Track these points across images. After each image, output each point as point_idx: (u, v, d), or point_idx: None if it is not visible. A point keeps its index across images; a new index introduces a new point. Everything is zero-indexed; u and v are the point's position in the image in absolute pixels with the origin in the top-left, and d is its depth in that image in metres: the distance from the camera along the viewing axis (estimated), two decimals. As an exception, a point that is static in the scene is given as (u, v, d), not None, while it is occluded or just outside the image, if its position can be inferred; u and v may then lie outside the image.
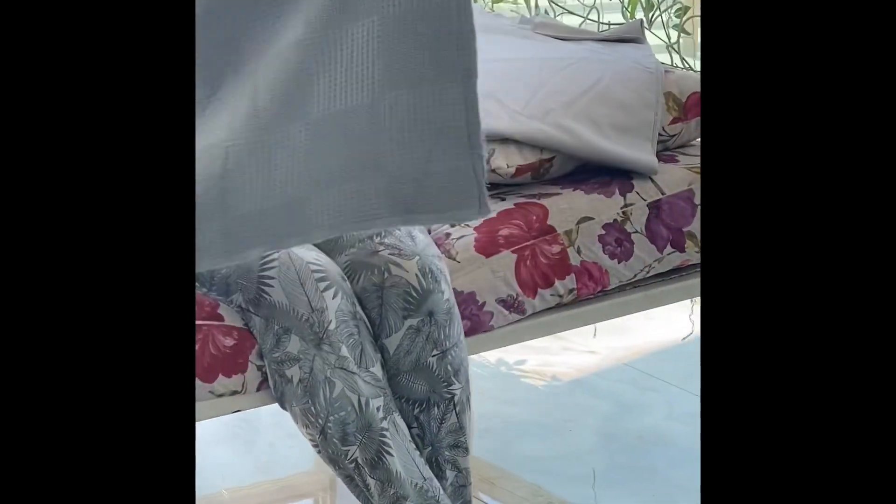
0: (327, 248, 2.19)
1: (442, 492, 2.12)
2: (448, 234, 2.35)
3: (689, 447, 2.92)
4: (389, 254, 2.15)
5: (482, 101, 2.24)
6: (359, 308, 2.12)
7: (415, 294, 2.13)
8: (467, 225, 2.36)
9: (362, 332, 2.11)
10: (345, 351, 2.07)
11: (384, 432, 2.10)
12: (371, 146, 1.83)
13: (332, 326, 2.07)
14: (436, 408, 2.17)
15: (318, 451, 2.12)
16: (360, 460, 2.09)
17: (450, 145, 1.83)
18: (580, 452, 2.99)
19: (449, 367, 2.16)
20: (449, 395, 2.16)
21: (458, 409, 2.18)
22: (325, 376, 2.07)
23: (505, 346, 2.46)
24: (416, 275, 2.13)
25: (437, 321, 2.14)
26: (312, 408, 2.08)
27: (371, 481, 2.09)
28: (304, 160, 1.84)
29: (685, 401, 3.18)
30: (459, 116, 1.83)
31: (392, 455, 2.09)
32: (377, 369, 2.11)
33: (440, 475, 2.17)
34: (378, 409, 2.09)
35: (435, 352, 2.15)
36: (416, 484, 2.10)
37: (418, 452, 2.14)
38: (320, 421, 2.08)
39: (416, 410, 2.15)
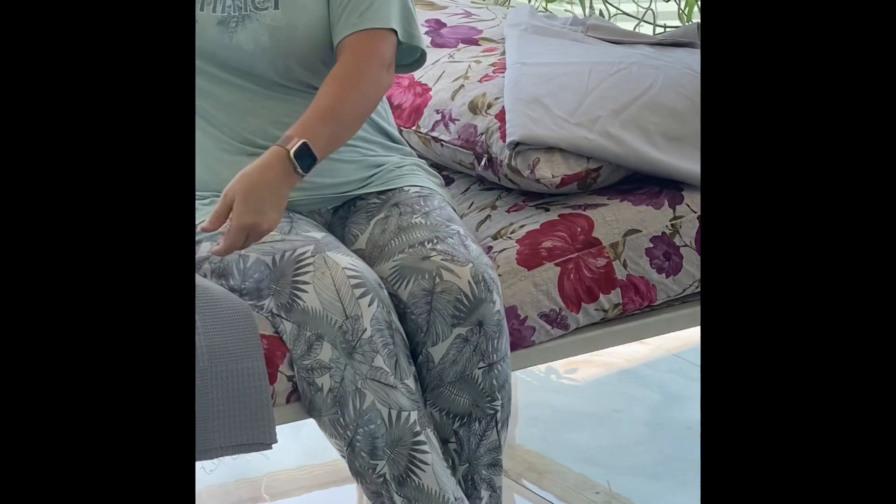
0: (375, 254, 2.17)
1: None
2: (490, 248, 2.32)
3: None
4: (442, 259, 2.10)
5: (528, 108, 2.42)
6: (394, 317, 2.08)
7: (466, 302, 2.08)
8: (509, 237, 2.34)
9: (397, 342, 2.07)
10: (379, 361, 2.04)
11: (416, 447, 2.06)
12: None
13: (366, 335, 2.03)
14: (477, 423, 2.13)
15: (347, 462, 2.11)
16: (387, 476, 2.06)
17: None
18: (628, 443, 3.01)
19: (494, 382, 2.12)
20: (492, 411, 2.13)
21: (498, 426, 2.15)
22: (356, 387, 2.04)
23: (547, 362, 2.46)
24: (469, 282, 2.09)
25: (486, 332, 2.10)
26: (341, 419, 2.05)
27: (398, 499, 2.07)
28: None
29: (733, 392, 3.24)
30: None
31: (424, 471, 2.06)
32: (411, 381, 2.07)
33: (474, 494, 2.15)
34: (413, 422, 2.05)
35: (481, 364, 2.11)
36: (448, 500, 2.08)
37: (449, 471, 2.10)
38: (349, 433, 2.05)
39: (456, 424, 2.12)
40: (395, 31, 2.22)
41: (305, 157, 2.09)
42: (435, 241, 2.14)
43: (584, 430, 3.06)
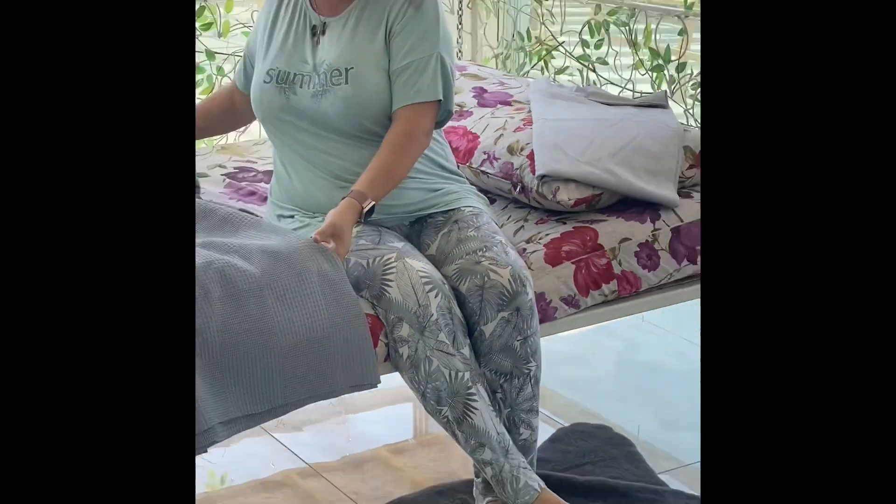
0: (441, 258, 2.36)
1: (511, 443, 2.29)
2: (524, 249, 2.50)
3: (679, 375, 3.19)
4: (489, 264, 2.26)
5: (550, 151, 2.58)
6: (453, 304, 2.24)
7: (507, 294, 2.25)
8: (538, 242, 2.51)
9: (455, 323, 2.23)
10: (442, 336, 2.21)
11: (469, 397, 2.23)
12: None
13: (433, 318, 2.21)
14: (516, 379, 2.31)
15: (422, 404, 2.28)
16: (450, 417, 2.24)
17: None
18: (602, 376, 3.21)
19: (528, 349, 2.31)
20: (527, 371, 2.33)
21: (532, 381, 2.33)
22: (426, 355, 2.21)
23: (565, 331, 2.61)
24: (509, 279, 2.25)
25: (522, 315, 2.28)
26: (416, 377, 2.24)
27: (458, 433, 2.26)
28: None
29: (676, 342, 3.43)
30: None
31: (475, 415, 2.24)
32: (466, 350, 2.24)
33: (514, 430, 2.34)
34: (466, 380, 2.23)
35: (519, 337, 2.29)
36: (492, 435, 2.26)
37: (495, 413, 2.27)
38: (421, 387, 2.25)
39: (502, 380, 2.31)
40: (440, 101, 2.34)
41: (370, 213, 2.27)
42: (484, 249, 2.29)
43: (570, 366, 3.21)
